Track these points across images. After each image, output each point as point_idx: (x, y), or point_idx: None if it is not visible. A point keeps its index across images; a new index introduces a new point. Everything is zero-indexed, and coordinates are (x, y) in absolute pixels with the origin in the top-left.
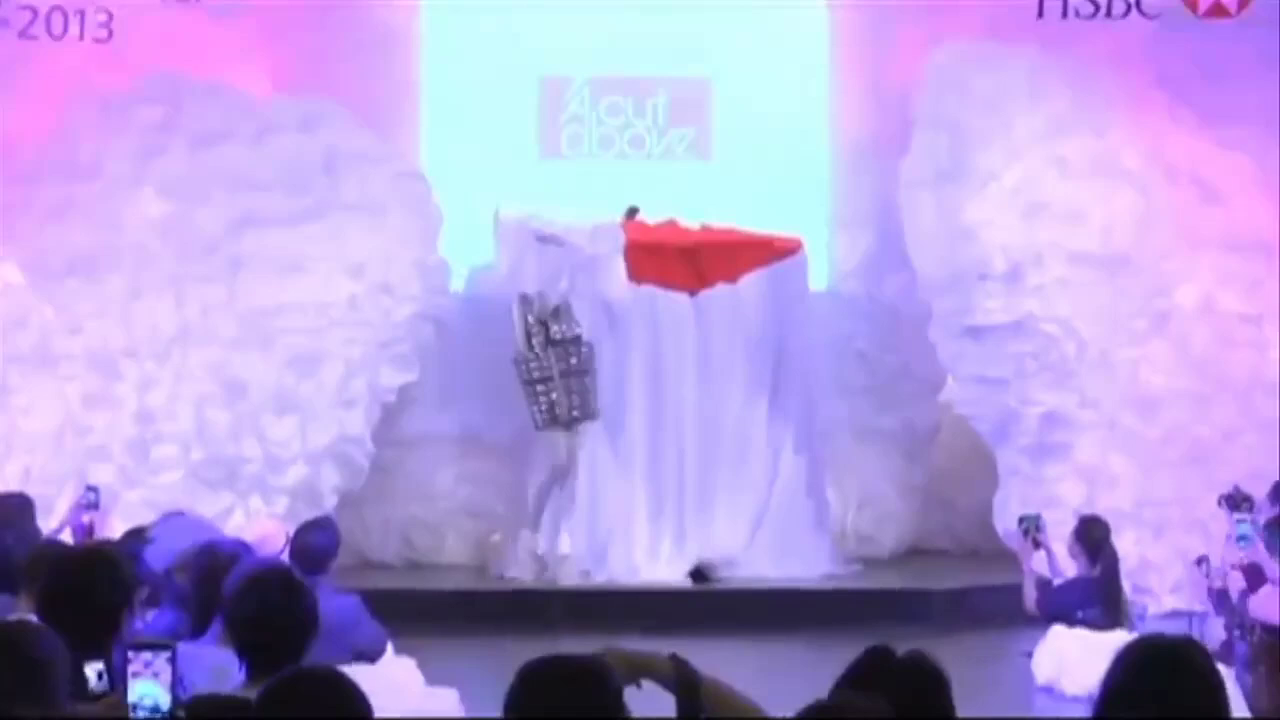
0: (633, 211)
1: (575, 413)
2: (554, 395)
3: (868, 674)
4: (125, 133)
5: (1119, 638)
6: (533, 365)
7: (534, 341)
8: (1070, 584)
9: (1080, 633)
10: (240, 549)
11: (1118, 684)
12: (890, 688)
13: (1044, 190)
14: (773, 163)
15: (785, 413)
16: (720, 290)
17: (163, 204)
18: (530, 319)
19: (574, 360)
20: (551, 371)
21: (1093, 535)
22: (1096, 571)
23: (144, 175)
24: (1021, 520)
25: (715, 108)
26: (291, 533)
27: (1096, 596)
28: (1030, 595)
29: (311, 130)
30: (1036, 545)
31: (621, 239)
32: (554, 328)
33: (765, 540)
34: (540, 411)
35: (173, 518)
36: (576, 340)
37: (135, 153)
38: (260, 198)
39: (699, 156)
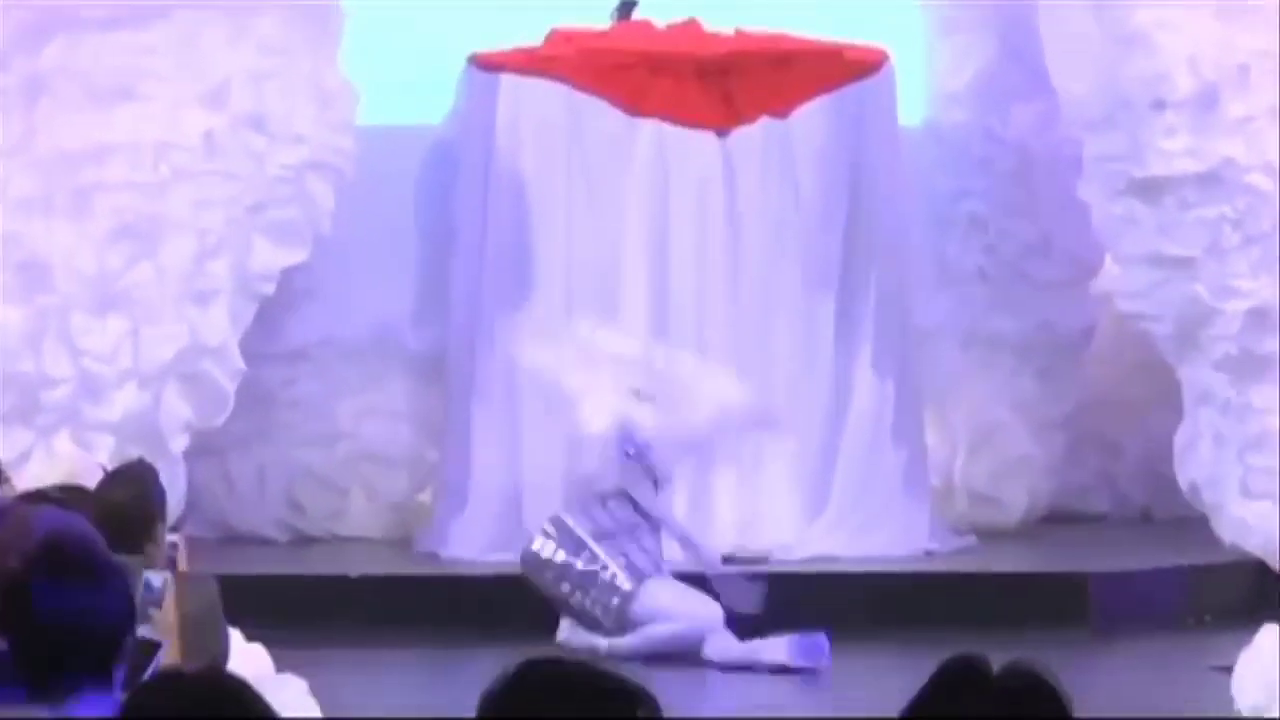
0: (626, 8)
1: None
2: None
3: (948, 698)
4: None
5: None
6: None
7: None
8: None
9: None
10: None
11: None
12: (981, 716)
13: None
14: None
15: (861, 313)
16: (763, 128)
17: None
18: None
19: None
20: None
21: None
22: None
23: None
24: None
25: None
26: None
27: None
28: None
29: None
30: None
31: None
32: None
33: (835, 506)
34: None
35: None
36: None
37: None
38: None
39: None
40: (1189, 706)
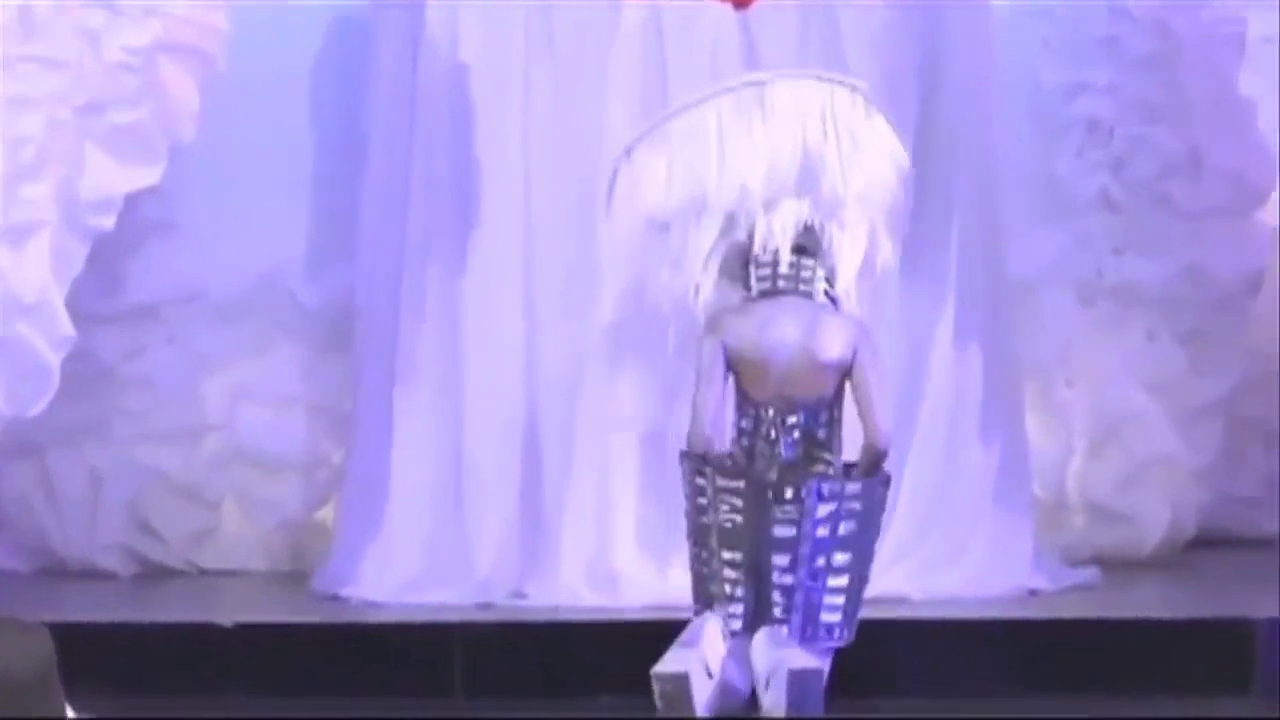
0: None
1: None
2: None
3: None
4: None
5: None
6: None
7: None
8: None
9: None
10: None
11: None
12: None
13: None
14: None
15: (937, 255)
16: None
17: None
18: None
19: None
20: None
21: None
22: None
23: None
24: None
25: None
26: None
27: None
28: None
29: None
30: None
31: None
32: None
33: (902, 528)
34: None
35: None
36: None
37: None
38: None
39: None
40: None
